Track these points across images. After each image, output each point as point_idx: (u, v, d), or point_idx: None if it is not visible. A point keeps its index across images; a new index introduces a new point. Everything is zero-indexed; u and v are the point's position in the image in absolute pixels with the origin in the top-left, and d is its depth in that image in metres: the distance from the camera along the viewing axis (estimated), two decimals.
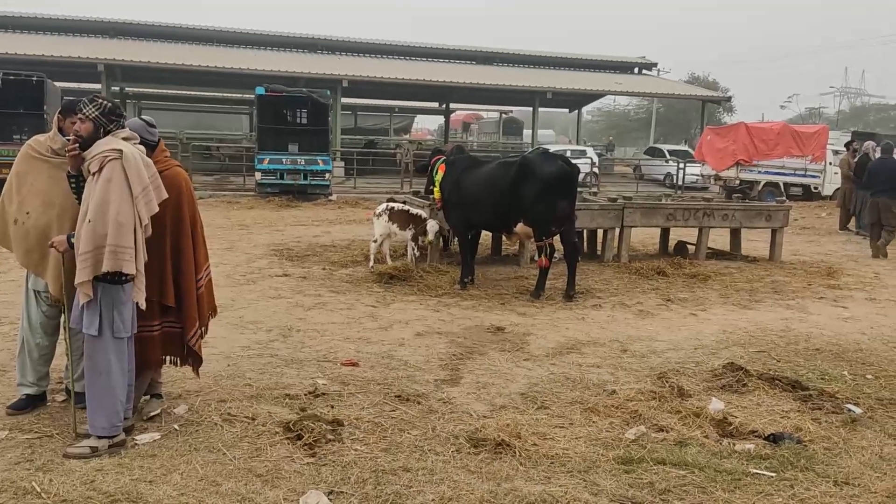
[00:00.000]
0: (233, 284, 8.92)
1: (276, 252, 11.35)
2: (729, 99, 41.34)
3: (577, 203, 8.83)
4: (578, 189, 8.89)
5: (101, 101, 4.19)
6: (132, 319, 4.31)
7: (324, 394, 5.23)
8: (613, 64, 38.42)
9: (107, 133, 4.18)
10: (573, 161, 9.14)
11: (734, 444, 4.60)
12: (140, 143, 4.34)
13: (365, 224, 15.05)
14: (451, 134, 47.43)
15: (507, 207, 8.62)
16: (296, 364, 5.94)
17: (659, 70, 40.84)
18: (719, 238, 12.98)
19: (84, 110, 4.17)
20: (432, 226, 9.69)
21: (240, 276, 9.48)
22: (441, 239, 10.65)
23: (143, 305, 4.23)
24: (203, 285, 4.72)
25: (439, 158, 9.86)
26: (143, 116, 4.67)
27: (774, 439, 4.67)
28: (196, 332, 4.64)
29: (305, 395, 5.19)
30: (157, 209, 4.19)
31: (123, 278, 4.15)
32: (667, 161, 30.75)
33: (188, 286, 4.58)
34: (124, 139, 4.23)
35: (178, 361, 4.81)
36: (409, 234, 10.00)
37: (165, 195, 4.29)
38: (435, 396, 5.28)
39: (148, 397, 4.83)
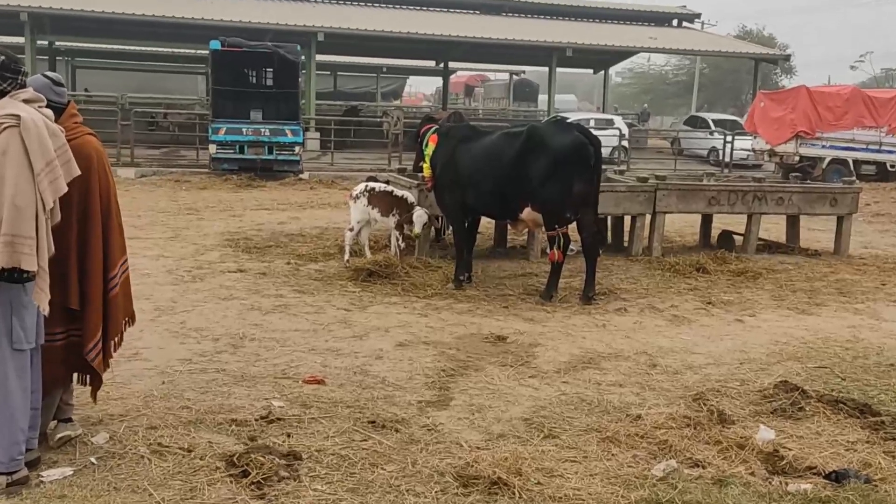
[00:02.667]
0: (175, 282, 8.88)
1: (230, 242, 11.33)
2: (787, 58, 41.21)
3: (600, 183, 8.78)
4: (603, 166, 8.79)
5: None
6: (37, 327, 4.19)
7: (279, 419, 5.17)
8: (648, 15, 38.30)
9: (1, 94, 4.04)
10: (596, 132, 9.09)
11: (787, 484, 4.53)
12: (45, 107, 4.20)
13: (342, 209, 14.96)
14: (450, 99, 47.37)
15: (511, 188, 8.57)
16: (247, 381, 5.88)
17: (703, 23, 40.80)
18: (773, 227, 12.94)
19: None
20: (420, 215, 9.62)
21: (184, 271, 9.43)
22: (432, 229, 10.56)
23: (45, 310, 4.11)
24: (117, 285, 4.60)
25: (430, 128, 9.80)
26: (47, 73, 4.55)
27: (837, 478, 4.61)
28: (97, 343, 4.50)
29: (256, 420, 5.14)
30: (65, 189, 4.07)
31: (24, 276, 4.01)
32: (711, 133, 30.67)
33: (94, 289, 4.46)
34: (25, 102, 4.09)
35: (87, 379, 4.72)
36: (392, 220, 9.95)
37: (77, 172, 4.18)
38: (417, 422, 5.23)
39: (55, 423, 4.73)
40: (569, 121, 9.76)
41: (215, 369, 6.11)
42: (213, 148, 19.97)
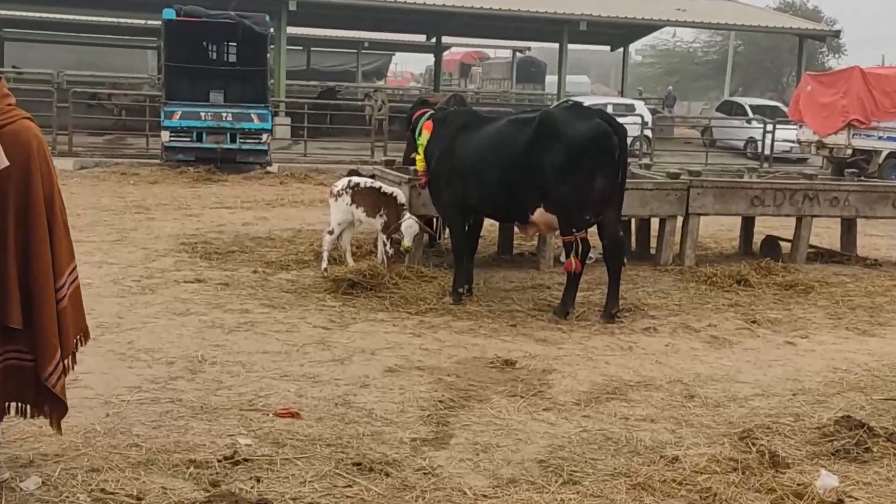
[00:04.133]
0: (122, 294, 8.84)
1: (186, 247, 11.29)
2: (837, 34, 41.33)
3: (625, 180, 8.76)
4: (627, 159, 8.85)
5: None
6: None
7: (247, 460, 5.11)
8: None
9: None
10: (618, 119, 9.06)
11: None
12: None
13: (318, 207, 15.02)
14: (443, 80, 47.33)
15: (520, 185, 8.56)
16: (207, 414, 5.83)
17: None
18: (823, 232, 12.93)
19: None
20: (409, 226, 9.56)
21: (133, 281, 9.39)
22: (426, 236, 10.55)
23: None
24: (65, 296, 4.55)
25: (424, 113, 9.74)
26: None
27: None
28: (57, 365, 4.48)
29: (220, 461, 5.07)
30: None
31: None
32: (748, 121, 30.68)
33: (44, 299, 4.41)
34: None
35: (29, 410, 4.67)
36: (379, 222, 9.88)
37: (5, 163, 4.11)
38: (412, 465, 5.19)
39: None
40: (587, 105, 9.67)
41: (169, 399, 6.05)
42: (165, 135, 19.87)
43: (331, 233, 9.98)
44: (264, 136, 20.29)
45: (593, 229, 8.74)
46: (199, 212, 14.41)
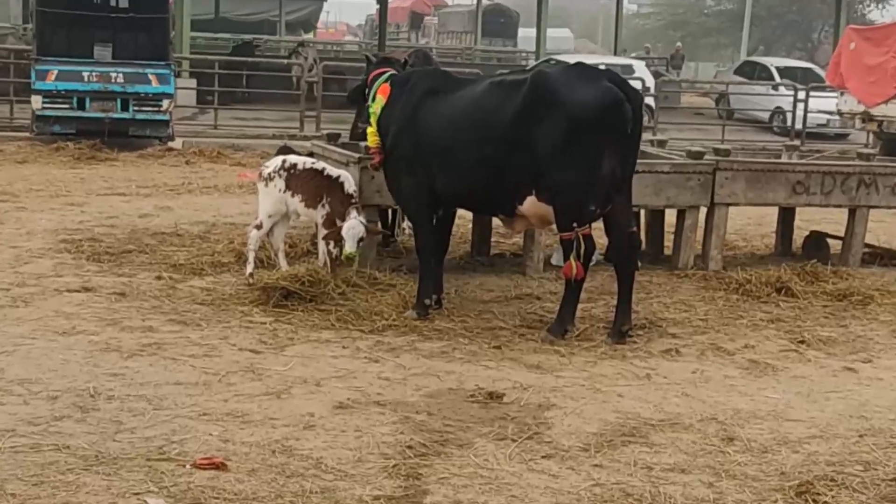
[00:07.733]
0: None
1: (69, 245, 11.25)
2: None
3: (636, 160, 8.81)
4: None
5: None
6: None
7: None
8: None
9: None
10: None
11: None
12: None
13: (235, 194, 15.04)
14: (389, 34, 47.35)
15: (506, 167, 8.56)
16: (105, 465, 5.76)
17: None
18: (876, 227, 12.98)
19: None
20: (352, 227, 9.46)
21: (0, 290, 9.29)
22: (381, 224, 10.58)
23: None
24: None
25: (382, 73, 9.64)
26: None
27: None
28: None
29: None
30: None
31: None
32: (775, 87, 30.90)
33: None
34: None
35: None
36: (320, 214, 9.82)
37: None
38: None
39: None
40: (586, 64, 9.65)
41: (54, 446, 5.97)
42: (37, 101, 19.90)
43: (259, 227, 9.93)
44: (165, 103, 20.35)
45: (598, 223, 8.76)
46: (84, 200, 14.41)
